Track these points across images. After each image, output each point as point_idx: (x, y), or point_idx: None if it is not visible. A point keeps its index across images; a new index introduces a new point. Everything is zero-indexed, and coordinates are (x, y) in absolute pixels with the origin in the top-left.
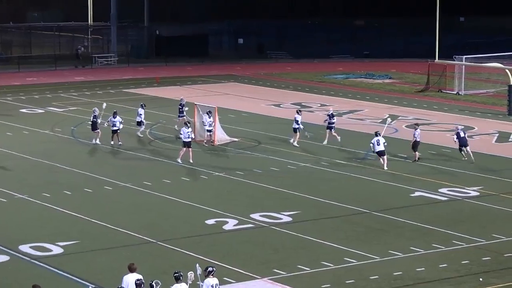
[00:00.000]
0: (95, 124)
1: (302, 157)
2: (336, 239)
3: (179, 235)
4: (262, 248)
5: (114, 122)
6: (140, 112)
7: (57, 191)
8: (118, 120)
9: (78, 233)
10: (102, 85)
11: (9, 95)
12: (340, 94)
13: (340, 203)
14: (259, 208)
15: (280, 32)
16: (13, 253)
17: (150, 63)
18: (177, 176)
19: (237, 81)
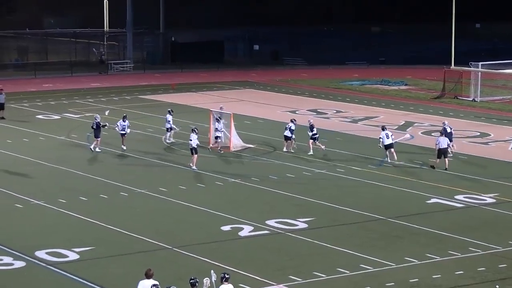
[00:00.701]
0: (97, 131)
1: (318, 164)
2: (352, 245)
3: (195, 241)
4: (278, 255)
5: (124, 126)
6: (169, 118)
7: (73, 197)
8: (127, 124)
9: (94, 239)
10: (118, 91)
11: (25, 101)
12: (356, 100)
13: (355, 210)
14: (275, 215)
15: (296, 39)
16: (29, 259)
17: (165, 69)
18: (192, 182)
19: (252, 87)
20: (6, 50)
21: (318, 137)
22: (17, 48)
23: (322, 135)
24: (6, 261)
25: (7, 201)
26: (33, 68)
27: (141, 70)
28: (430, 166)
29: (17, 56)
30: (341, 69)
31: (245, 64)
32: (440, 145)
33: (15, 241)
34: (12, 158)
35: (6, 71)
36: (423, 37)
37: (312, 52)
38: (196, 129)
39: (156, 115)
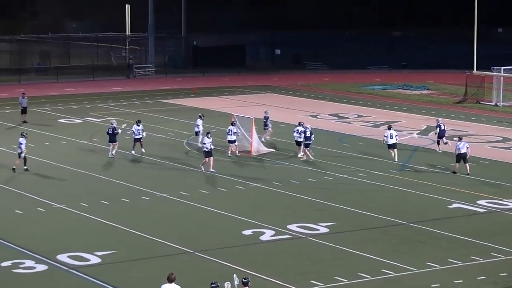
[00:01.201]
0: (113, 136)
1: (339, 168)
2: (373, 250)
3: (217, 246)
4: (299, 259)
5: (138, 130)
6: (198, 122)
7: (94, 201)
8: (141, 128)
9: (116, 243)
10: (140, 95)
11: (47, 105)
12: (377, 105)
13: (377, 214)
14: (296, 219)
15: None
16: (51, 262)
17: (187, 73)
18: (214, 186)
19: (274, 91)
20: (29, 54)
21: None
22: (39, 52)
23: (344, 139)
24: (28, 264)
25: (29, 204)
26: (55, 72)
27: (163, 74)
28: (452, 172)
29: (40, 60)
30: (363, 73)
31: (266, 68)
32: (459, 150)
33: (37, 244)
34: (34, 162)
35: (29, 75)
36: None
37: (333, 57)
38: (209, 133)
39: (177, 119)
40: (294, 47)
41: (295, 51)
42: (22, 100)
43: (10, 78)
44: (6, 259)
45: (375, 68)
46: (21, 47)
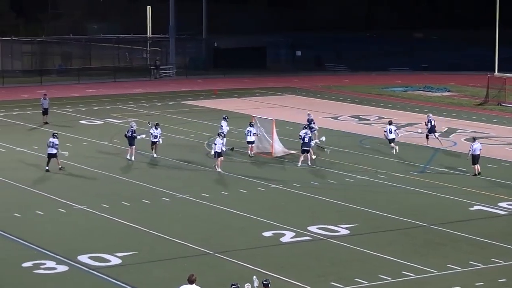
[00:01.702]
0: (132, 139)
1: (359, 170)
2: (394, 252)
3: (237, 247)
4: (319, 261)
5: (156, 134)
6: (222, 124)
7: (115, 202)
8: (159, 132)
9: (136, 244)
10: (161, 97)
11: (68, 107)
12: (398, 107)
13: (397, 216)
14: (316, 221)
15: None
16: (72, 263)
17: (208, 75)
18: (234, 187)
19: (294, 93)
20: (50, 56)
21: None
22: (61, 53)
23: (364, 141)
24: (49, 265)
25: (51, 205)
26: (77, 74)
27: (184, 76)
28: (473, 174)
29: (61, 62)
30: (384, 75)
31: (287, 70)
32: (474, 151)
33: (58, 245)
34: (55, 163)
35: (50, 76)
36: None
37: (354, 58)
38: (222, 133)
39: (198, 121)
40: (315, 49)
41: (316, 52)
42: (44, 101)
43: (32, 79)
44: (27, 259)
45: (396, 70)
46: (43, 48)
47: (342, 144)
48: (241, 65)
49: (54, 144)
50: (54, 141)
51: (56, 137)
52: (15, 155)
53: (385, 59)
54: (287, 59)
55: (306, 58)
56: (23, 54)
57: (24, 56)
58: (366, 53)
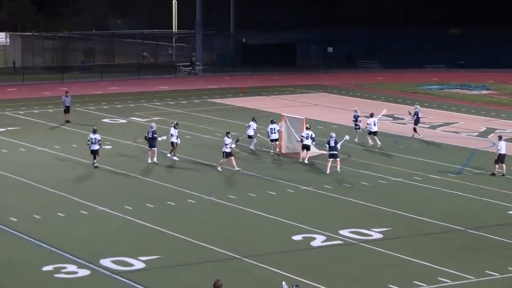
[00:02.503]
0: (152, 140)
1: (394, 171)
2: (429, 257)
3: (265, 251)
4: (351, 266)
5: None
6: (254, 126)
7: (139, 204)
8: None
9: (161, 248)
10: (186, 94)
11: (91, 105)
12: (434, 105)
13: (433, 220)
14: (348, 224)
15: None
16: (94, 267)
17: (236, 72)
18: (263, 189)
19: (326, 91)
20: (73, 52)
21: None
22: (83, 49)
23: (398, 141)
24: (70, 269)
25: (72, 207)
26: (100, 70)
27: (211, 73)
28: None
29: (83, 58)
30: (419, 72)
31: (318, 67)
32: (501, 150)
33: (79, 248)
34: (77, 163)
35: (72, 73)
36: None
37: (388, 55)
38: (229, 133)
39: (225, 120)
40: (347, 45)
41: (348, 49)
42: (66, 99)
43: (53, 76)
44: (47, 263)
45: (432, 67)
46: (65, 44)
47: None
48: (270, 62)
49: (97, 140)
50: (96, 137)
51: (96, 132)
52: (36, 155)
53: (420, 55)
54: (318, 56)
55: (337, 55)
56: (44, 50)
57: (45, 52)
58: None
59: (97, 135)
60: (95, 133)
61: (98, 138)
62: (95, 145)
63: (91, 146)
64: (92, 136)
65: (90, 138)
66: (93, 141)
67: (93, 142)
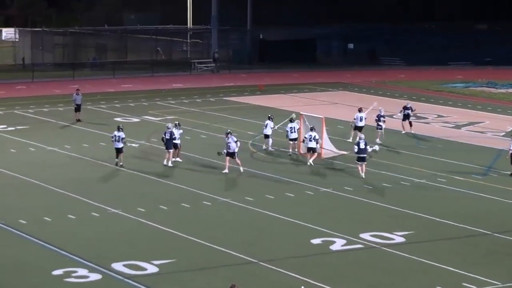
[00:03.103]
0: (170, 142)
1: (417, 173)
2: (454, 262)
3: (283, 255)
4: (372, 271)
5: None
6: (271, 125)
7: (152, 206)
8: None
9: (175, 251)
10: (202, 92)
11: (103, 103)
12: (459, 104)
13: (457, 223)
14: (369, 227)
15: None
16: (105, 271)
17: (253, 69)
18: (280, 191)
19: (346, 89)
20: (84, 48)
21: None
22: (95, 46)
23: (421, 141)
24: (81, 273)
25: (83, 209)
26: (112, 68)
27: (227, 70)
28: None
29: (95, 55)
30: (443, 70)
31: (339, 64)
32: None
33: (90, 252)
34: (88, 163)
35: (83, 70)
36: None
37: (411, 52)
38: (230, 133)
39: (242, 119)
40: (369, 42)
41: (369, 45)
42: (76, 97)
43: (64, 74)
44: (57, 267)
45: (457, 64)
46: (76, 40)
47: (397, 144)
48: (288, 58)
49: (120, 138)
50: (120, 135)
51: (121, 130)
52: (46, 155)
53: (445, 52)
54: (338, 52)
55: (359, 51)
56: (54, 46)
57: (55, 48)
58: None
59: (121, 133)
60: (119, 130)
61: (121, 136)
62: (119, 143)
63: (114, 143)
64: (116, 133)
65: (114, 135)
66: (116, 139)
67: (117, 140)
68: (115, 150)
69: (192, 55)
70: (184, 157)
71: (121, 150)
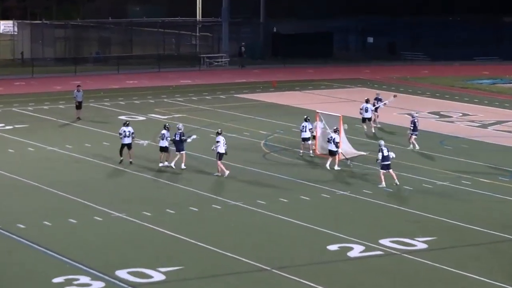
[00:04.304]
0: (180, 143)
1: (440, 175)
2: (479, 270)
3: (297, 262)
4: (393, 279)
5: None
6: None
7: (158, 210)
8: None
9: (182, 258)
10: (211, 89)
11: (106, 100)
12: (485, 102)
13: (483, 229)
14: (389, 233)
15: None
16: (109, 279)
17: (266, 64)
18: (295, 194)
19: (365, 86)
20: (86, 42)
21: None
22: (98, 39)
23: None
24: (83, 281)
25: (85, 213)
26: (116, 63)
27: (238, 66)
28: None
29: (98, 49)
30: (469, 65)
31: (357, 59)
32: None
33: (93, 258)
34: (90, 164)
35: (86, 65)
36: None
37: (435, 46)
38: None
39: (254, 117)
40: (389, 35)
41: (390, 39)
42: (78, 93)
43: (65, 69)
44: (58, 274)
45: (483, 59)
46: (78, 33)
47: (420, 144)
48: (303, 53)
49: (130, 133)
50: (129, 130)
51: (128, 125)
52: (46, 155)
53: (470, 47)
54: (356, 47)
55: (378, 46)
56: (55, 39)
57: (57, 42)
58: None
59: (130, 128)
60: (127, 126)
61: (131, 130)
62: (127, 138)
63: (123, 139)
64: (123, 129)
65: (123, 131)
66: (124, 134)
67: (126, 136)
68: (122, 146)
69: (201, 49)
70: (192, 157)
71: (130, 146)
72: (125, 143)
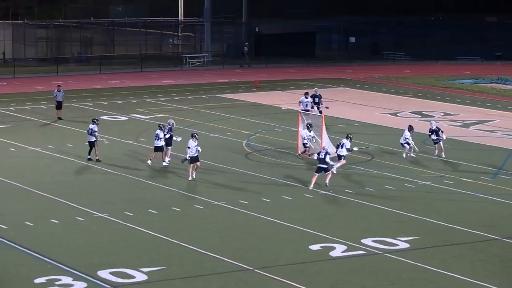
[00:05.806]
0: (170, 139)
1: (422, 175)
2: (461, 269)
3: (280, 262)
4: (375, 279)
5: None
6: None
7: (141, 210)
8: None
9: (165, 258)
10: (194, 89)
11: (88, 100)
12: (467, 101)
13: (465, 228)
14: (372, 233)
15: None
16: (90, 279)
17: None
18: (277, 194)
19: (347, 85)
20: (68, 42)
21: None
22: (80, 39)
23: (428, 140)
24: (65, 281)
25: (67, 213)
26: (98, 63)
27: (220, 65)
28: None
29: (80, 49)
30: (451, 65)
31: (339, 58)
32: None
33: (75, 259)
34: (72, 164)
35: (68, 65)
36: None
37: (417, 46)
38: (196, 135)
39: (237, 117)
40: (372, 35)
41: (372, 39)
42: (58, 93)
43: (47, 69)
44: (40, 275)
45: (465, 59)
46: (60, 33)
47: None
48: (286, 53)
49: (92, 131)
50: (92, 128)
51: (95, 123)
52: (28, 155)
53: (452, 46)
54: (339, 47)
55: (361, 45)
56: (37, 40)
57: (38, 42)
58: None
59: (94, 126)
60: (93, 123)
61: (94, 129)
62: (91, 137)
63: (88, 137)
64: (90, 126)
65: (88, 128)
66: (88, 132)
67: (89, 133)
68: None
69: (183, 49)
70: (175, 157)
71: (93, 144)
72: (90, 141)
